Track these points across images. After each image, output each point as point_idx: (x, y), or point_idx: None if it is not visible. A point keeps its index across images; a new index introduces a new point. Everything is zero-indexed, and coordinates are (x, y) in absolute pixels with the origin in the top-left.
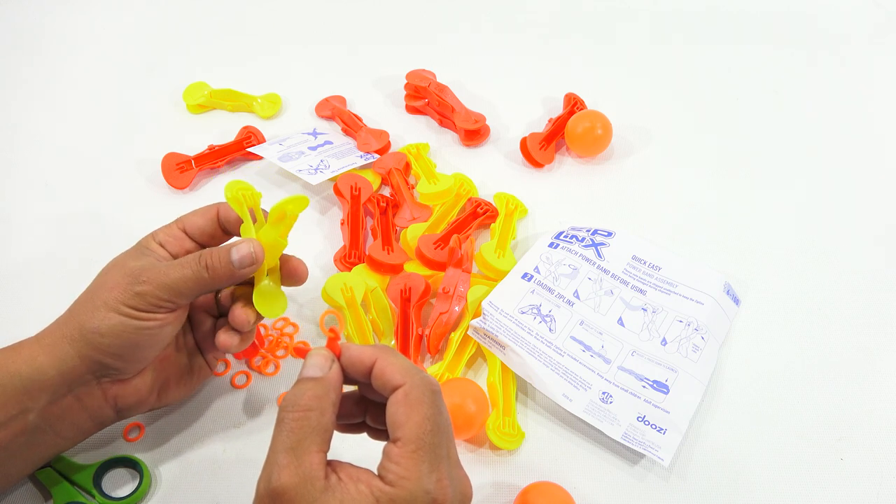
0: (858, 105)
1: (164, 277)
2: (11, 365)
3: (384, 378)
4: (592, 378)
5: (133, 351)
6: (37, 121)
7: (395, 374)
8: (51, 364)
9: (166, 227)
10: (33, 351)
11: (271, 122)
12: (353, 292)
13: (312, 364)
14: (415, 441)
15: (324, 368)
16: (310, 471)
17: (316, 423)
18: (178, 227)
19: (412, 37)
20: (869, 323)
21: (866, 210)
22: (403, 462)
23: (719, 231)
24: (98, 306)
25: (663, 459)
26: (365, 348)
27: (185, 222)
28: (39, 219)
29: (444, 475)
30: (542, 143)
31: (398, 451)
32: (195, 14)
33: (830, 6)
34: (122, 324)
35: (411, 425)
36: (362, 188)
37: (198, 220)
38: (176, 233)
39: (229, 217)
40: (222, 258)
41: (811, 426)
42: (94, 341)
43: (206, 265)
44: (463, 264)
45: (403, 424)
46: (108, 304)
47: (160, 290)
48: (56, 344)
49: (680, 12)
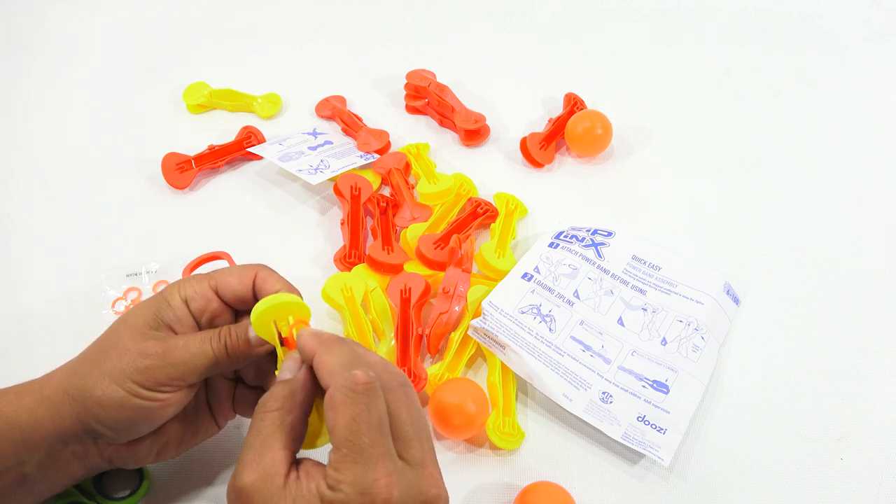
0: (858, 105)
1: (179, 353)
2: (12, 413)
3: (320, 379)
4: (592, 378)
5: (130, 426)
6: (36, 120)
7: (323, 375)
8: (50, 419)
9: (196, 282)
10: (35, 400)
11: (271, 122)
12: (353, 292)
13: (285, 367)
14: (344, 444)
15: (293, 370)
16: (270, 467)
17: (280, 421)
18: (210, 284)
19: (412, 37)
20: (869, 323)
21: (866, 210)
22: (337, 465)
23: (719, 231)
24: (104, 373)
25: (663, 459)
26: (308, 341)
27: (218, 281)
28: (39, 219)
29: (382, 475)
30: (542, 143)
31: (333, 455)
32: (195, 14)
33: (830, 6)
34: (123, 399)
35: (339, 429)
36: (362, 188)
37: (233, 283)
38: (206, 291)
39: (265, 287)
40: (241, 336)
41: (811, 426)
42: (93, 409)
43: (227, 345)
44: (463, 264)
45: (333, 428)
46: (114, 375)
47: (171, 367)
48: (57, 399)
49: (680, 12)
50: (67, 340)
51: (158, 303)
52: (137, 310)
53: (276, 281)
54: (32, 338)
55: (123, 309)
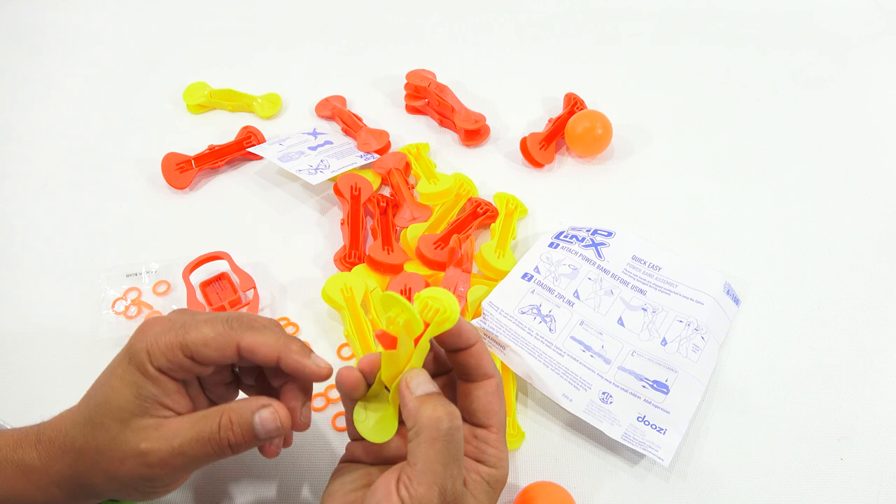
0: (858, 105)
1: (178, 460)
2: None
3: (479, 363)
4: (592, 378)
5: (143, 498)
6: (36, 121)
7: (488, 363)
8: (65, 497)
9: (167, 348)
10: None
11: (271, 122)
12: (353, 292)
13: (425, 380)
14: (504, 428)
15: (433, 383)
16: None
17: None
18: (184, 353)
19: (412, 37)
20: (869, 323)
21: (866, 210)
22: (500, 445)
23: (719, 231)
24: (109, 477)
25: (663, 459)
26: (472, 329)
27: (192, 349)
28: (39, 219)
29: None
30: (542, 143)
31: (495, 436)
32: (195, 14)
33: (831, 6)
34: (132, 493)
35: (502, 414)
36: (362, 188)
37: (210, 353)
38: (180, 360)
39: (257, 354)
40: (244, 427)
41: (811, 426)
42: (105, 495)
43: (230, 442)
44: (463, 264)
45: (497, 412)
46: (118, 480)
47: (172, 470)
48: (68, 485)
49: (680, 12)
50: (67, 341)
51: (135, 380)
52: (116, 389)
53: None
54: (32, 338)
55: (123, 309)
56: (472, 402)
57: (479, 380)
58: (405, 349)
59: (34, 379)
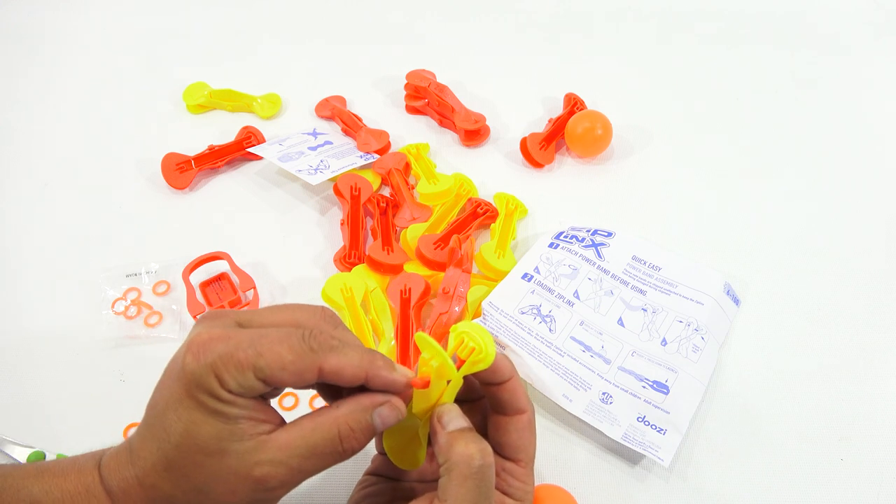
0: (859, 105)
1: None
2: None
3: (513, 398)
4: (592, 378)
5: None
6: (36, 120)
7: (522, 398)
8: None
9: (237, 370)
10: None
11: (271, 122)
12: (353, 293)
13: (457, 415)
14: (532, 462)
15: (465, 418)
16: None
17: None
18: (256, 376)
19: (412, 37)
20: (869, 323)
21: (866, 210)
22: (528, 479)
23: (719, 231)
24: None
25: (663, 460)
26: (508, 364)
27: (266, 373)
28: (38, 219)
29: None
30: (542, 143)
31: (523, 470)
32: (195, 14)
33: (831, 6)
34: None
35: (532, 450)
36: (362, 188)
37: (287, 378)
38: (252, 383)
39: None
40: (361, 423)
41: (811, 426)
42: None
43: (354, 449)
44: (463, 264)
45: (527, 448)
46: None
47: (290, 476)
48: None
49: (680, 12)
50: (67, 340)
51: (212, 406)
52: (196, 422)
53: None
54: (32, 338)
55: (123, 309)
56: (502, 435)
57: (511, 414)
58: (437, 388)
59: (34, 379)
